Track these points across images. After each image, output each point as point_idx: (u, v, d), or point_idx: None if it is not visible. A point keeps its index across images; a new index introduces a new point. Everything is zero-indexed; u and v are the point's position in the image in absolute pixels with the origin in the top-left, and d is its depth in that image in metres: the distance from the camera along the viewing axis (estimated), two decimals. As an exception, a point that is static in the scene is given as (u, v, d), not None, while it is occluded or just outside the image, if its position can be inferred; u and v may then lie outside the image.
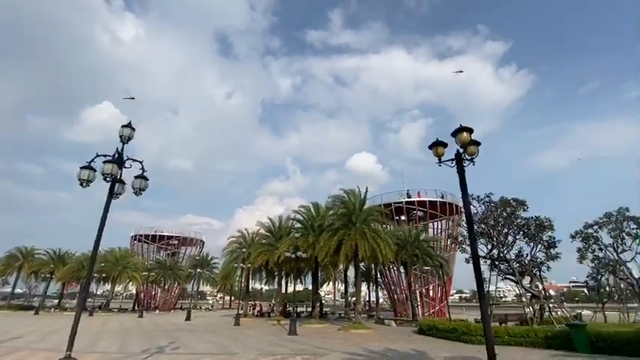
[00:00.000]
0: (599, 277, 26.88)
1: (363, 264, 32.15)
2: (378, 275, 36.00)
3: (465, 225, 20.97)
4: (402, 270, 32.29)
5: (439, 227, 39.71)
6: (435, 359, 10.14)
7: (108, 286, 50.38)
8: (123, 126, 7.20)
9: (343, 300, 57.24)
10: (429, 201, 37.97)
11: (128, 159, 7.08)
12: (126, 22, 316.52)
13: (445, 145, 5.37)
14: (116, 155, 6.83)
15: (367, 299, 49.55)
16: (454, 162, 5.23)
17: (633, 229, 23.25)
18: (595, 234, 25.29)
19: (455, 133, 5.25)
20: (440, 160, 5.34)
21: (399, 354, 11.11)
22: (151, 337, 15.57)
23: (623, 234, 23.92)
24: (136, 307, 48.17)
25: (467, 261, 21.83)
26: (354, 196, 22.01)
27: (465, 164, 5.17)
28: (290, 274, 39.84)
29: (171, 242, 59.25)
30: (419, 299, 36.81)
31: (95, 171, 6.79)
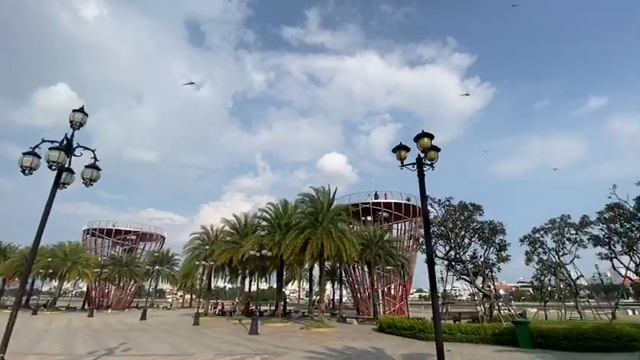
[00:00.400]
0: (542, 278, 29.33)
1: (328, 263, 32.53)
2: (343, 274, 36.48)
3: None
4: (366, 269, 33.07)
5: (403, 228, 41.14)
6: (392, 356, 10.45)
7: (56, 283, 46.64)
8: (74, 110, 6.62)
9: (307, 299, 57.41)
10: (395, 203, 39.19)
11: (79, 146, 6.54)
12: (88, 0, 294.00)
13: (407, 149, 5.55)
14: (64, 142, 6.27)
15: (332, 298, 50.08)
16: (415, 166, 5.43)
17: (573, 234, 25.64)
18: (541, 238, 27.62)
19: (417, 138, 5.44)
20: (402, 163, 5.51)
21: (358, 352, 11.33)
22: (100, 338, 14.59)
23: (564, 239, 26.34)
24: (86, 306, 45.01)
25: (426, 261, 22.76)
26: (323, 195, 22.12)
27: (425, 168, 5.38)
28: (254, 272, 39.42)
29: (128, 237, 55.84)
30: (381, 298, 37.96)
31: (40, 158, 6.20)
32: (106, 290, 51.59)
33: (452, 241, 20.46)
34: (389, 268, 29.55)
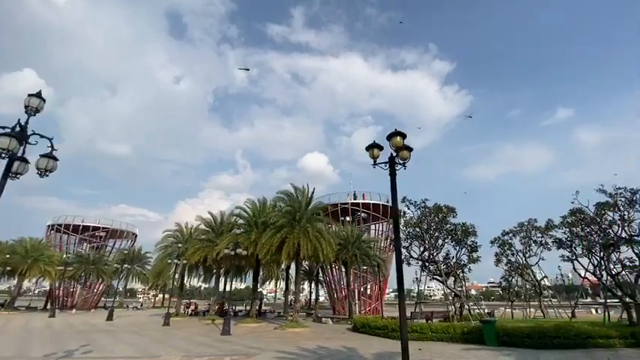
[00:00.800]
0: (510, 279, 30.59)
1: (305, 263, 32.42)
2: (320, 274, 36.52)
3: (402, 227, 22.28)
4: (343, 269, 33.25)
5: (380, 229, 41.69)
6: (363, 356, 10.50)
7: (15, 281, 43.68)
8: (30, 95, 6.14)
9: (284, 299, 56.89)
10: (373, 204, 39.67)
11: (34, 134, 6.07)
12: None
13: (381, 147, 5.55)
14: (17, 128, 5.80)
15: (309, 298, 50.03)
16: (387, 165, 5.43)
17: (539, 237, 26.90)
18: (509, 241, 28.81)
19: (389, 137, 5.45)
20: (375, 161, 5.51)
21: (331, 351, 11.30)
22: (60, 340, 13.76)
23: (531, 241, 27.61)
24: (49, 306, 42.47)
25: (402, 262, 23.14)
26: (302, 194, 21.96)
27: (397, 168, 5.40)
28: (230, 271, 38.66)
29: (97, 234, 53.25)
30: (357, 298, 38.30)
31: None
32: (72, 289, 49.06)
33: (426, 242, 20.92)
34: (365, 268, 29.85)
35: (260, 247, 19.99)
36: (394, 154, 5.44)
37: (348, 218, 38.83)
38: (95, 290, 51.93)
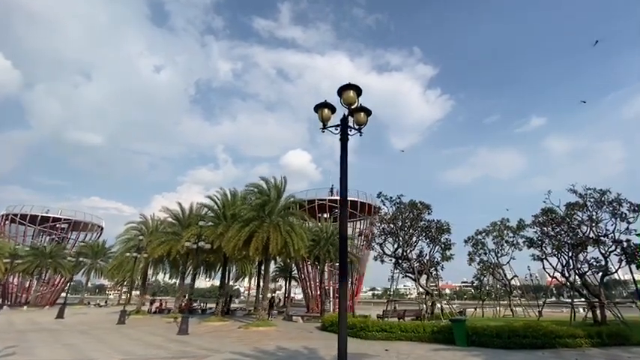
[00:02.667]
0: (482, 278, 30.80)
1: (280, 259, 31.35)
2: (293, 270, 35.56)
3: (377, 223, 21.69)
4: (319, 266, 32.44)
5: (359, 227, 41.21)
6: (324, 357, 9.65)
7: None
8: None
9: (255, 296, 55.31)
10: (351, 201, 39.04)
11: None
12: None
13: (333, 109, 4.63)
14: None
15: (286, 295, 48.86)
16: (339, 128, 4.52)
17: (510, 237, 27.11)
18: (482, 240, 28.92)
19: (341, 91, 4.55)
20: (324, 125, 4.59)
21: (289, 353, 10.39)
22: (-15, 341, 12.05)
23: (503, 241, 27.80)
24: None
25: (375, 259, 22.64)
26: (274, 187, 20.87)
27: (350, 133, 4.51)
28: (199, 267, 36.93)
29: (58, 225, 49.82)
30: (331, 295, 37.64)
31: None
32: (27, 284, 45.66)
33: (400, 238, 20.41)
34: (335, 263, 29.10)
35: (227, 240, 18.77)
36: (347, 113, 4.53)
37: (326, 215, 38.08)
38: (56, 286, 48.71)
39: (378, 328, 14.34)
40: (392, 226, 20.15)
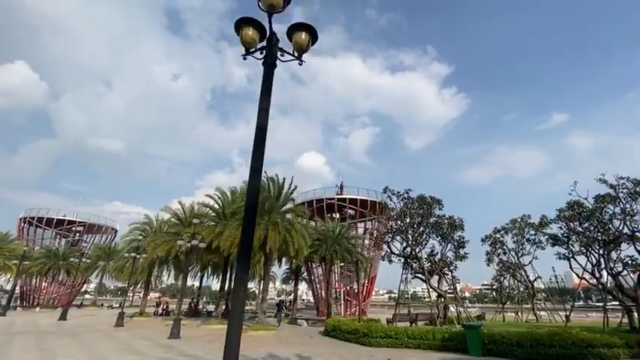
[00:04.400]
0: (502, 280, 28.70)
1: (285, 259, 30.34)
2: (302, 272, 34.45)
3: (385, 221, 20.24)
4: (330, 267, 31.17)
5: (371, 227, 39.61)
6: (313, 368, 8.46)
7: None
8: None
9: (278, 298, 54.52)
10: (360, 199, 37.62)
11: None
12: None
13: (261, 30, 3.33)
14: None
15: (302, 298, 47.83)
16: (263, 52, 3.28)
17: (532, 235, 25.02)
18: (501, 239, 26.90)
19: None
20: (247, 51, 3.36)
21: (277, 362, 9.25)
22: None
23: (524, 239, 25.72)
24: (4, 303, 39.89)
25: (382, 258, 21.21)
26: (275, 184, 19.87)
27: (282, 57, 3.27)
28: (206, 268, 36.37)
29: (74, 228, 50.75)
30: (342, 298, 36.21)
31: None
32: (43, 286, 46.52)
33: (409, 236, 18.93)
34: (346, 264, 27.79)
35: (224, 239, 17.86)
36: (275, 36, 3.23)
37: (336, 216, 36.76)
38: (72, 288, 49.48)
39: (382, 334, 13.00)
40: (400, 223, 18.69)
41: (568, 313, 19.83)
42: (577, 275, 18.09)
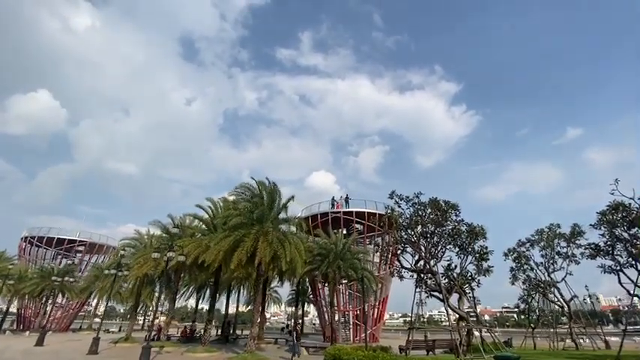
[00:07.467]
0: (529, 300, 25.30)
1: (291, 278, 27.79)
2: (301, 293, 31.62)
3: (395, 231, 17.80)
4: (338, 286, 28.37)
5: (381, 243, 36.74)
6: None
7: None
8: None
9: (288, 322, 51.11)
10: (368, 212, 35.05)
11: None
12: (80, 10, 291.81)
13: None
14: None
15: (296, 322, 44.52)
16: None
17: (563, 247, 21.99)
18: (526, 253, 23.87)
19: None
20: None
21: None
22: None
23: (554, 253, 22.64)
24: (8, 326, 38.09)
25: (392, 274, 18.57)
26: (268, 191, 17.79)
27: None
28: (204, 287, 33.97)
29: (75, 248, 49.59)
30: (351, 322, 33.02)
31: None
32: (40, 309, 44.72)
33: (423, 248, 16.37)
34: (355, 285, 25.01)
35: (209, 252, 15.73)
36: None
37: (343, 231, 34.21)
38: (68, 310, 47.60)
39: (390, 367, 10.40)
40: (410, 232, 16.21)
41: (621, 339, 16.49)
42: (628, 292, 15.01)
